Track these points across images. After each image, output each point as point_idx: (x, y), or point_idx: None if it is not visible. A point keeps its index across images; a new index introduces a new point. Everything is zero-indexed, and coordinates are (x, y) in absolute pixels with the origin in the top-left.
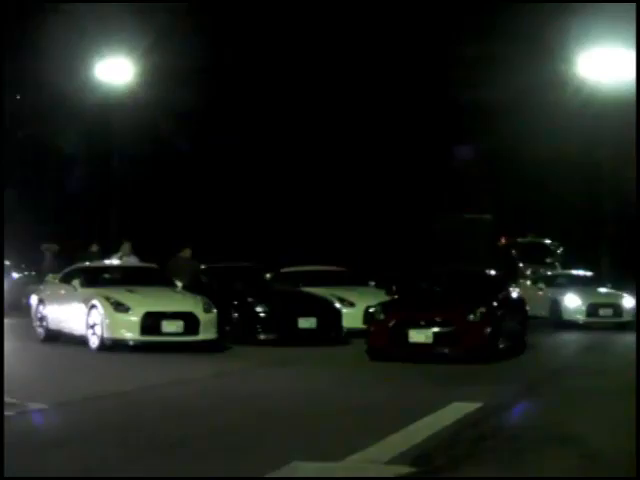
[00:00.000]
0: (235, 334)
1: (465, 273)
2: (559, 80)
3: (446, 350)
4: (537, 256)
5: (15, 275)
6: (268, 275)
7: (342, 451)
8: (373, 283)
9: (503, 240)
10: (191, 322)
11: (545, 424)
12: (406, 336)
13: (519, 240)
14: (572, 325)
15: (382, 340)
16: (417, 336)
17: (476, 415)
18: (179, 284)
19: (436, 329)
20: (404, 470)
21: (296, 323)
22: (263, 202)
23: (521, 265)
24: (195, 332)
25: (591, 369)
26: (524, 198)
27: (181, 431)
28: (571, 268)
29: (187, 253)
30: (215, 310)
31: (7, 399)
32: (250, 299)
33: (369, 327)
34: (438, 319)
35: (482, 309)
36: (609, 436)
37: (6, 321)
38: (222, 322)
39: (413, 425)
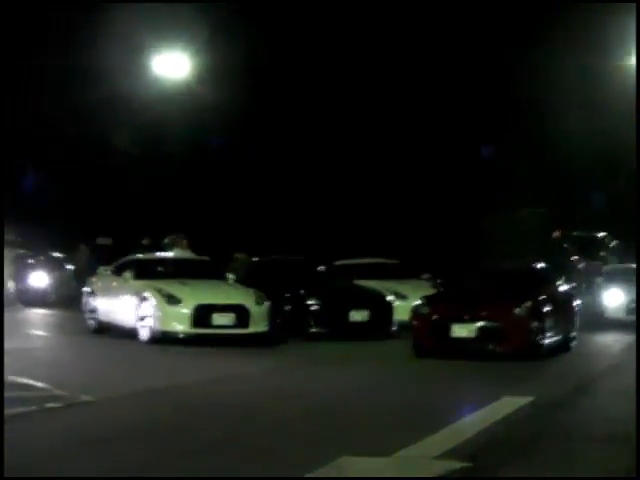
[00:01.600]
0: (287, 327)
1: (512, 268)
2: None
3: (490, 345)
4: (591, 250)
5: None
6: (321, 268)
7: (391, 447)
8: (426, 276)
9: (557, 233)
10: (242, 315)
11: (597, 422)
12: (449, 330)
13: (573, 234)
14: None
15: (425, 335)
16: (460, 331)
17: (527, 410)
18: (231, 277)
19: (480, 324)
20: (455, 466)
21: (348, 316)
22: (319, 196)
23: (575, 258)
24: (246, 325)
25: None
26: (577, 193)
27: (231, 428)
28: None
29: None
30: (267, 303)
31: (57, 391)
32: (302, 292)
33: (412, 321)
34: (482, 313)
35: (528, 304)
36: None
37: (58, 313)
38: (274, 315)
39: (463, 420)
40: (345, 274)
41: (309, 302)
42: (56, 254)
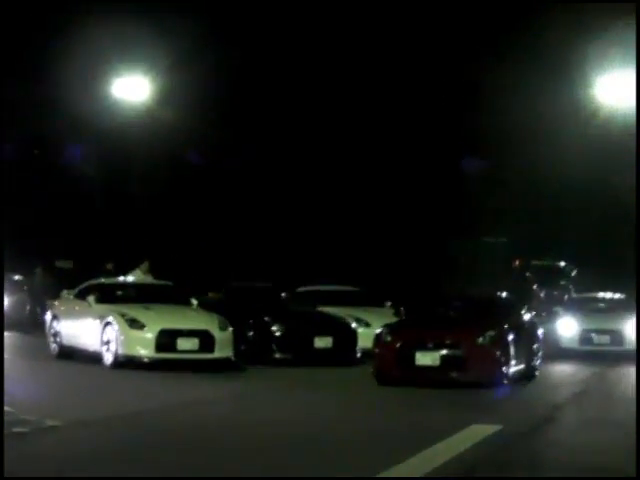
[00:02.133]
0: (251, 353)
1: (476, 296)
2: (577, 105)
3: (454, 374)
4: (552, 278)
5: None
6: (284, 294)
7: (360, 474)
8: (389, 304)
9: (517, 262)
10: (207, 340)
11: (565, 451)
12: (412, 359)
13: (533, 262)
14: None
15: (388, 363)
16: (424, 359)
17: (496, 439)
18: (194, 302)
19: (444, 352)
20: None
21: (312, 343)
22: (279, 221)
23: (535, 287)
24: (211, 350)
25: (605, 395)
26: (539, 222)
27: (200, 454)
28: (585, 291)
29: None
30: (231, 328)
31: (22, 416)
32: (266, 318)
33: (375, 349)
34: (446, 342)
35: (492, 332)
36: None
37: (18, 336)
38: (238, 341)
39: (432, 448)
40: (308, 300)
41: (273, 328)
42: (16, 276)
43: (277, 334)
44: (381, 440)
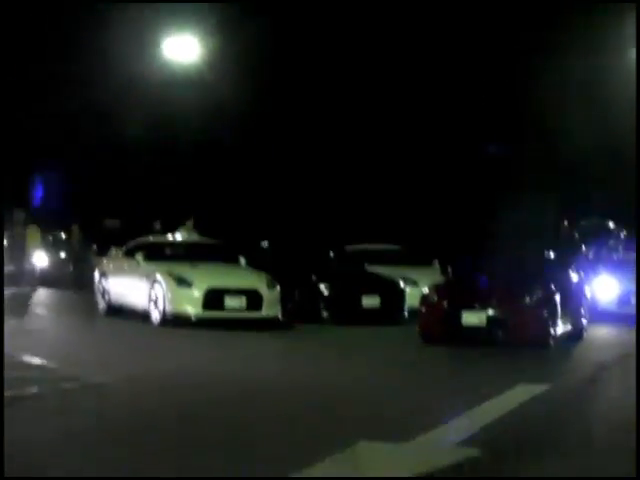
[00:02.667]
0: (298, 312)
1: (523, 255)
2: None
3: (500, 334)
4: (600, 239)
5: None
6: (332, 253)
7: (409, 433)
8: (437, 262)
9: (566, 221)
10: (254, 298)
11: (612, 411)
12: (459, 318)
13: (582, 222)
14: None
15: (435, 322)
16: (470, 318)
17: (543, 398)
18: (242, 260)
19: (490, 312)
20: (473, 453)
21: (360, 302)
22: (327, 180)
23: (583, 247)
24: (258, 308)
25: None
26: (590, 181)
27: (246, 412)
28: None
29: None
30: (278, 287)
31: (70, 372)
32: (314, 277)
33: (421, 308)
34: (493, 302)
35: (538, 292)
36: None
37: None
38: (285, 300)
39: (480, 407)
40: (356, 259)
41: (321, 287)
42: (59, 234)
43: (325, 293)
44: (428, 399)
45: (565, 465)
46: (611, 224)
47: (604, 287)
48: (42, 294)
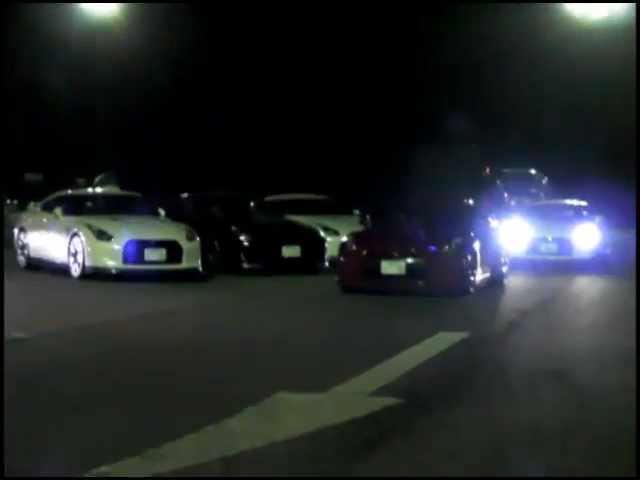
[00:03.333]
0: (219, 263)
1: (442, 203)
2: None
3: (420, 283)
4: (522, 186)
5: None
6: (252, 204)
7: (327, 382)
8: (358, 212)
9: (487, 169)
10: (174, 250)
11: (531, 357)
12: (378, 267)
13: (504, 170)
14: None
15: (354, 272)
16: (390, 267)
17: (462, 346)
18: (162, 213)
19: (409, 260)
20: (390, 402)
21: (280, 252)
22: (246, 130)
23: (505, 195)
24: (178, 261)
25: (570, 302)
26: (512, 128)
27: (164, 363)
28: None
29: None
30: (198, 239)
31: None
32: (234, 228)
33: (340, 258)
34: (412, 250)
35: (458, 240)
36: (599, 370)
37: None
38: (206, 251)
39: (398, 356)
40: (276, 210)
41: (241, 238)
42: None
43: (245, 244)
44: (345, 349)
45: (483, 413)
46: (533, 171)
47: (515, 234)
48: None
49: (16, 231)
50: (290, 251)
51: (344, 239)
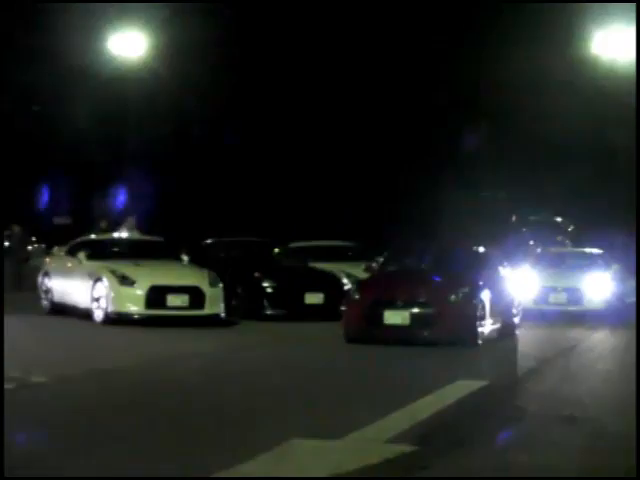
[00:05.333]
0: (242, 309)
1: (452, 248)
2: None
3: (425, 333)
4: (548, 234)
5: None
6: (276, 250)
7: (342, 428)
8: (382, 259)
9: (514, 217)
10: (197, 296)
11: (552, 405)
12: (381, 317)
13: (531, 217)
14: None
15: (357, 321)
16: (393, 317)
17: (481, 394)
18: (185, 258)
19: (414, 310)
20: (406, 449)
21: (303, 299)
22: (270, 177)
23: (532, 243)
24: (201, 306)
25: (590, 350)
26: (538, 177)
27: (183, 407)
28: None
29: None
30: (221, 284)
31: (9, 372)
32: (257, 274)
33: (344, 307)
34: (416, 299)
35: (465, 289)
36: (618, 416)
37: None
38: (229, 297)
39: (415, 403)
40: (300, 256)
41: (264, 284)
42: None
43: (268, 290)
44: (363, 395)
45: (499, 459)
46: (559, 219)
47: (524, 283)
48: None
49: (40, 275)
50: (313, 298)
51: (347, 287)
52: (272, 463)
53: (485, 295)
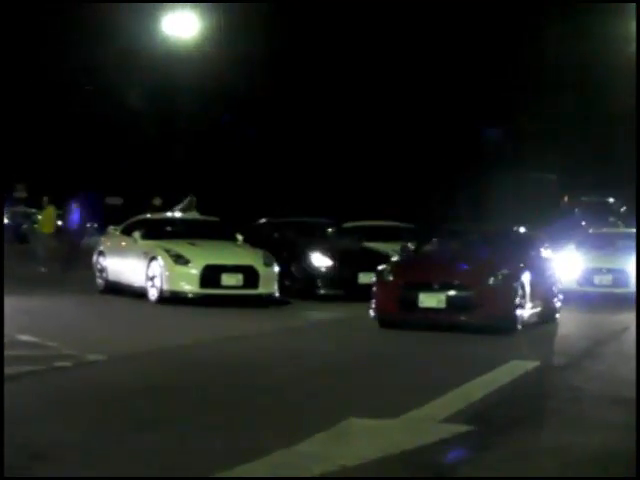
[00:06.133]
0: (295, 289)
1: (491, 231)
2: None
3: (462, 317)
4: (600, 215)
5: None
6: (330, 230)
7: (398, 408)
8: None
9: (566, 199)
10: (251, 276)
11: (607, 386)
12: (416, 300)
13: (583, 199)
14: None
15: (390, 304)
16: (428, 300)
17: (535, 374)
18: (240, 238)
19: (450, 293)
20: (461, 429)
21: (357, 279)
22: (327, 157)
23: (583, 223)
24: (255, 286)
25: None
26: (590, 158)
27: (241, 387)
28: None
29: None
30: (275, 264)
31: (65, 350)
32: (310, 254)
33: (375, 288)
34: (453, 282)
35: (505, 271)
36: None
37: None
38: (283, 276)
39: (470, 383)
40: (354, 236)
41: (318, 264)
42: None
43: (322, 270)
44: (418, 376)
45: (554, 440)
46: (611, 200)
47: (567, 264)
48: (37, 273)
49: (95, 254)
50: (366, 278)
51: (380, 267)
52: (328, 443)
53: (525, 278)
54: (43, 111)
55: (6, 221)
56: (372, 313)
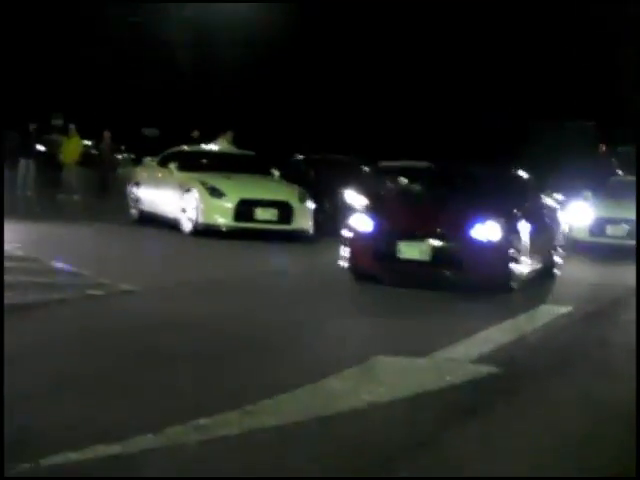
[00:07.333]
0: (328, 226)
1: (485, 173)
2: None
3: (448, 272)
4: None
5: None
6: (365, 168)
7: (427, 348)
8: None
9: (603, 148)
10: (285, 211)
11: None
12: (394, 250)
13: (619, 148)
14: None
15: (364, 255)
16: (410, 251)
17: (567, 318)
18: (276, 173)
19: (436, 243)
20: (490, 370)
21: None
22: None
23: (620, 173)
24: (288, 221)
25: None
26: (629, 107)
27: (270, 322)
28: None
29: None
30: (310, 200)
31: (98, 279)
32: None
33: (346, 235)
34: (439, 230)
35: (500, 220)
36: None
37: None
38: (316, 213)
39: (500, 325)
40: (389, 175)
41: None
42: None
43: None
44: (447, 316)
45: (583, 386)
46: None
47: (578, 213)
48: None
49: (130, 185)
50: None
51: (355, 213)
52: (356, 379)
53: (523, 228)
54: (85, 42)
55: (42, 149)
56: (343, 264)
